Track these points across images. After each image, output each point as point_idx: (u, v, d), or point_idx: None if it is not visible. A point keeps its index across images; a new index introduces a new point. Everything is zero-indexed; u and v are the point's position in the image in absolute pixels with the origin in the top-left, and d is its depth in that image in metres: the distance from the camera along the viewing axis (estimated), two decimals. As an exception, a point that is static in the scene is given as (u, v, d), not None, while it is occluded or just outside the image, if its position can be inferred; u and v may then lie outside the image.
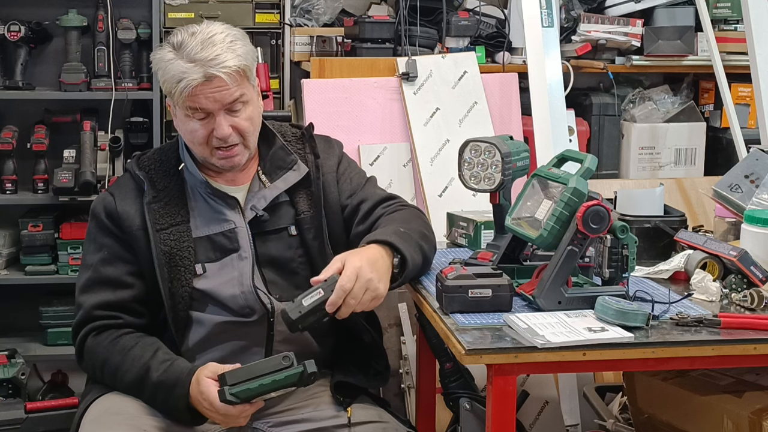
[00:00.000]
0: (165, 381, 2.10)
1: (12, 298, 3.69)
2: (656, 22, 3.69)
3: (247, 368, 2.01)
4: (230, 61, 2.15)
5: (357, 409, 2.24)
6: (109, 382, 2.20)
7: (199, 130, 2.19)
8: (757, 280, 2.17)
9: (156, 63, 2.23)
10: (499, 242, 2.34)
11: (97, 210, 2.27)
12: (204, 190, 2.27)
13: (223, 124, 2.18)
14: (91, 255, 2.26)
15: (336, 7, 3.66)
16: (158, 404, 2.14)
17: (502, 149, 2.31)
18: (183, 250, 2.21)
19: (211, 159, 2.24)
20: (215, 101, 2.16)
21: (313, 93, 3.40)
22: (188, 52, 2.16)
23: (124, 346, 2.17)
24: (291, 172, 2.30)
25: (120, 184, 2.32)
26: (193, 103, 2.16)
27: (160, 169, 2.28)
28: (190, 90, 2.14)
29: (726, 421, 2.32)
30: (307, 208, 2.30)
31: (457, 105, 3.48)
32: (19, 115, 3.66)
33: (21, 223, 3.56)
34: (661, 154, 3.76)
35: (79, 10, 3.57)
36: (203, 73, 2.13)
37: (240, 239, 2.25)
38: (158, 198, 2.24)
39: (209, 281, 2.23)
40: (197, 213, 2.26)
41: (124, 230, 2.23)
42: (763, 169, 2.56)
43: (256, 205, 2.27)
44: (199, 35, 2.18)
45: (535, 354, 1.86)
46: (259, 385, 1.99)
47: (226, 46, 2.17)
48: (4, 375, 3.38)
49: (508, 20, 3.71)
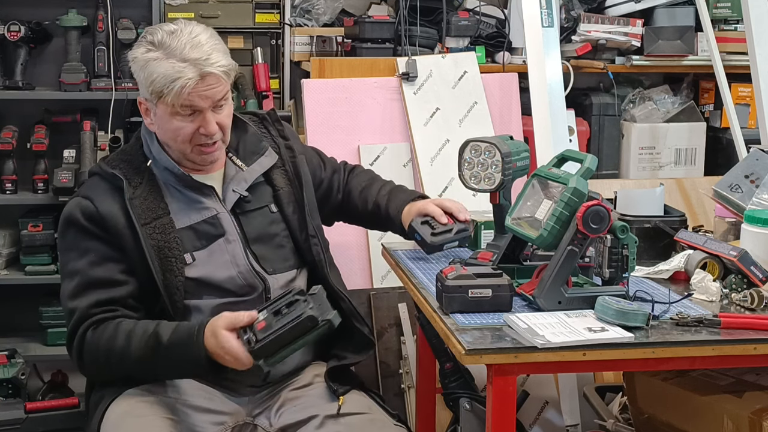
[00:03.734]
0: (177, 341, 2.12)
1: (12, 298, 3.68)
2: (656, 22, 3.69)
3: (276, 339, 2.01)
4: (222, 60, 2.23)
5: (349, 400, 2.28)
6: (117, 368, 2.20)
7: (186, 127, 2.24)
8: (757, 280, 2.17)
9: (137, 62, 2.25)
10: (499, 242, 2.34)
11: (74, 216, 2.26)
12: (178, 183, 2.31)
13: (211, 121, 2.24)
14: (75, 262, 2.25)
15: (336, 7, 3.66)
16: (174, 365, 2.15)
17: (502, 149, 2.31)
18: (170, 241, 2.25)
19: (190, 155, 2.29)
20: (206, 99, 2.22)
21: (313, 93, 3.40)
22: (177, 51, 2.19)
23: (126, 329, 2.18)
24: (264, 157, 2.41)
25: (92, 188, 2.31)
26: (187, 101, 2.20)
27: (130, 168, 2.31)
28: (189, 89, 2.18)
29: (726, 421, 2.32)
30: (283, 185, 2.41)
31: (457, 105, 3.47)
32: (19, 115, 3.66)
33: (21, 223, 3.56)
34: (661, 154, 3.76)
35: (79, 10, 3.57)
36: (198, 72, 2.18)
37: (224, 224, 2.31)
38: (136, 194, 2.27)
39: (200, 268, 2.26)
40: (175, 206, 2.30)
41: (109, 231, 2.24)
42: (763, 169, 2.56)
43: (236, 189, 2.34)
44: (183, 35, 2.22)
45: (535, 354, 1.86)
46: (291, 349, 2.02)
47: (212, 46, 2.24)
48: (4, 375, 3.38)
49: (508, 20, 3.71)
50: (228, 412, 2.27)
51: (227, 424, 2.25)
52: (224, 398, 2.29)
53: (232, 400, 2.30)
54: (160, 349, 2.13)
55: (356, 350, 2.40)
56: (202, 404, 2.24)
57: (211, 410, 2.25)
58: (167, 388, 2.25)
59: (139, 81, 2.27)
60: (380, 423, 2.25)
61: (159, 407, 2.19)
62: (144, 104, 2.30)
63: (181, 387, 2.25)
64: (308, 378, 2.36)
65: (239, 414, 2.29)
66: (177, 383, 2.26)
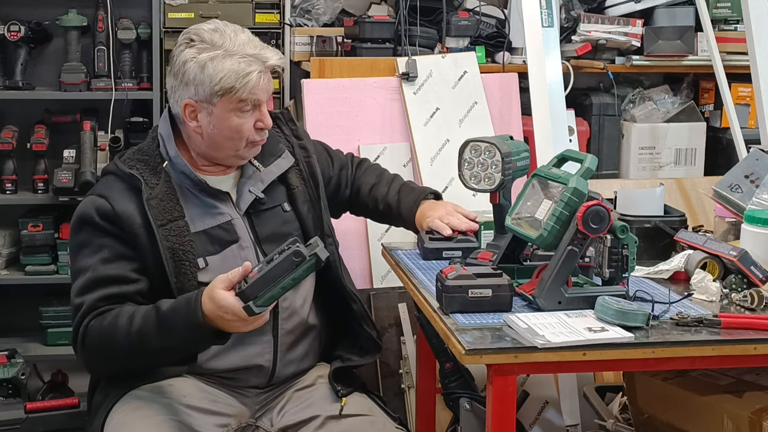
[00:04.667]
0: (176, 307, 2.09)
1: (12, 298, 3.68)
2: (656, 22, 3.69)
3: (263, 278, 1.98)
4: (274, 54, 2.28)
5: (351, 401, 2.29)
6: (120, 347, 2.14)
7: (247, 122, 2.26)
8: (757, 280, 2.17)
9: (196, 63, 2.22)
10: (499, 242, 2.34)
11: (88, 215, 2.24)
12: (194, 187, 2.30)
13: (267, 114, 2.30)
14: (87, 258, 2.23)
15: (336, 7, 3.66)
16: (174, 334, 2.10)
17: (502, 149, 2.31)
18: (185, 244, 2.23)
19: (240, 152, 2.30)
20: (267, 92, 2.28)
21: (313, 93, 3.40)
22: (236, 48, 2.22)
23: (129, 310, 2.16)
24: (281, 159, 2.41)
25: (108, 186, 2.30)
26: (254, 95, 2.23)
27: (146, 169, 2.30)
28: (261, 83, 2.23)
29: (726, 421, 2.32)
30: (298, 184, 2.42)
31: (457, 105, 3.47)
32: (19, 115, 3.65)
33: (21, 223, 3.55)
34: (661, 154, 3.76)
35: (79, 10, 3.57)
36: (263, 65, 2.23)
37: (238, 230, 2.30)
38: (152, 195, 2.25)
39: (213, 273, 2.23)
40: (190, 209, 2.29)
41: (125, 230, 2.22)
42: (763, 169, 2.56)
43: (253, 189, 2.34)
44: (228, 33, 2.25)
45: (535, 354, 1.86)
46: (281, 288, 1.99)
47: (257, 42, 2.28)
48: (4, 375, 3.37)
49: (508, 20, 3.71)
50: (232, 414, 2.27)
51: (231, 426, 2.25)
52: (228, 400, 2.29)
53: (236, 401, 2.30)
54: (160, 318, 2.10)
55: (362, 353, 2.40)
56: (205, 406, 2.24)
57: (215, 412, 2.25)
58: (171, 389, 2.24)
59: (194, 82, 2.23)
60: (381, 425, 2.26)
61: (163, 408, 2.19)
62: (194, 107, 2.25)
63: (185, 389, 2.25)
64: (311, 379, 2.36)
65: (243, 415, 2.29)
66: (181, 385, 2.25)
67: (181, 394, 2.23)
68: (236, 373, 2.24)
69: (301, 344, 2.36)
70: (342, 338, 2.46)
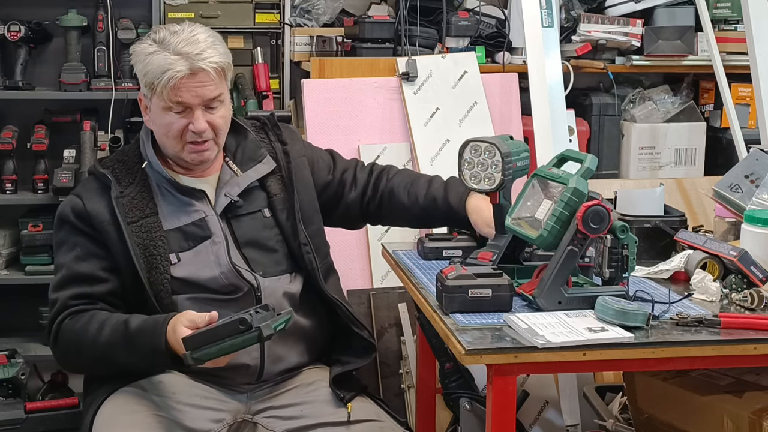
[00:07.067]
0: (144, 327, 2.15)
1: (12, 298, 3.68)
2: (656, 22, 3.69)
3: (208, 332, 2.02)
4: (214, 57, 2.25)
5: (357, 406, 2.28)
6: (88, 353, 2.22)
7: (176, 123, 2.27)
8: (757, 280, 2.17)
9: (136, 55, 2.29)
10: (499, 242, 2.34)
11: (64, 214, 2.32)
12: (170, 186, 2.33)
13: (200, 118, 2.26)
14: (63, 256, 2.30)
15: (336, 7, 3.66)
16: (137, 351, 2.16)
17: (502, 149, 2.31)
18: (155, 240, 2.27)
19: (182, 153, 2.31)
20: (196, 96, 2.25)
21: (313, 93, 3.40)
22: (172, 46, 2.23)
23: (101, 318, 2.22)
24: (260, 164, 2.41)
25: (84, 186, 2.36)
26: (176, 96, 2.23)
27: (123, 168, 2.35)
28: (175, 82, 2.22)
29: (726, 421, 2.32)
30: (278, 191, 2.41)
31: (457, 105, 3.48)
32: (19, 115, 3.66)
33: (21, 223, 3.56)
34: (661, 154, 3.76)
35: (79, 10, 3.57)
36: (189, 65, 2.22)
37: (211, 226, 2.32)
38: (124, 193, 2.30)
39: (186, 268, 2.29)
40: (165, 207, 2.32)
41: (95, 227, 2.27)
42: (763, 169, 2.56)
43: (229, 193, 2.35)
44: (183, 33, 2.26)
45: (535, 354, 1.86)
46: (218, 349, 2.00)
47: (209, 44, 2.26)
48: (4, 375, 3.38)
49: (508, 20, 3.71)
50: (225, 409, 2.27)
51: (225, 421, 2.25)
52: (221, 395, 2.29)
53: (230, 396, 2.30)
54: (127, 335, 2.16)
55: (358, 354, 2.40)
56: (197, 402, 2.24)
57: (208, 407, 2.24)
58: (161, 386, 2.25)
59: (138, 76, 2.31)
60: (390, 431, 2.26)
61: (152, 404, 2.20)
62: (143, 100, 2.33)
63: (176, 385, 2.25)
64: (309, 380, 2.35)
65: (238, 411, 2.29)
66: (171, 381, 2.25)
67: (171, 391, 2.24)
68: (224, 371, 2.24)
69: (290, 342, 2.35)
70: (335, 341, 2.46)
